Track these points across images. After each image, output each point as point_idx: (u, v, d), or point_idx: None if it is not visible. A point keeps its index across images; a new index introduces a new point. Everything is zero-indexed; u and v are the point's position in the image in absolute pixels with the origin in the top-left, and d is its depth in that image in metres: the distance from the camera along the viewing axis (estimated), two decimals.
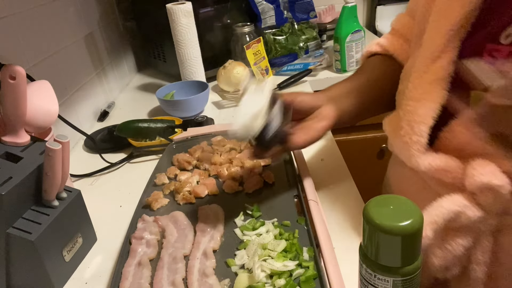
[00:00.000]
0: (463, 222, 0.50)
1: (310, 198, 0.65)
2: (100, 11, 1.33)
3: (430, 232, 0.50)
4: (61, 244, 0.61)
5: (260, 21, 1.42)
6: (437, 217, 0.50)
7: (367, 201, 0.41)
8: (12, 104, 0.56)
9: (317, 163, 0.85)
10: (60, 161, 0.57)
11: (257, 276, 0.51)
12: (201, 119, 1.05)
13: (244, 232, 0.61)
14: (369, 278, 0.41)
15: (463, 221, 0.50)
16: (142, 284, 0.54)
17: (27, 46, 0.89)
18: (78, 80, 1.11)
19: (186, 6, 1.18)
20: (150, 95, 1.35)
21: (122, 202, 0.79)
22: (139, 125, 0.96)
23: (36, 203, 0.59)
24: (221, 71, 1.26)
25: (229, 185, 0.72)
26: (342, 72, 1.36)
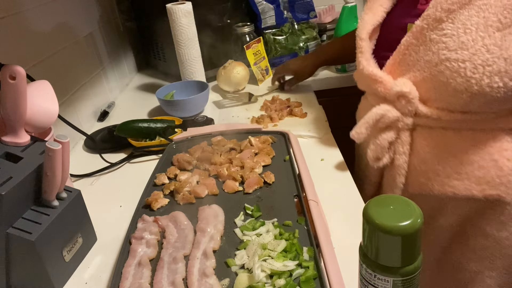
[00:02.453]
0: (386, 121, 0.73)
1: (310, 198, 0.65)
2: (100, 11, 1.33)
3: (363, 129, 0.74)
4: (61, 244, 0.61)
5: (260, 21, 1.42)
6: (368, 118, 0.73)
7: (367, 201, 0.41)
8: (12, 104, 0.56)
9: (317, 163, 0.85)
10: (60, 161, 0.57)
11: (257, 276, 0.51)
12: (201, 119, 1.05)
13: (244, 232, 0.61)
14: (369, 278, 0.41)
15: (386, 121, 0.72)
16: (142, 284, 0.54)
17: (27, 46, 0.89)
18: (78, 80, 1.11)
19: (186, 6, 1.18)
20: (150, 95, 1.35)
21: (122, 202, 0.79)
22: (139, 125, 0.96)
23: (36, 203, 0.59)
24: (221, 71, 1.26)
25: (229, 185, 0.72)
26: (342, 72, 1.36)
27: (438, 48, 0.65)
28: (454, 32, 0.64)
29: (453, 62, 0.63)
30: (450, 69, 0.64)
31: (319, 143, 0.93)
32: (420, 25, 0.68)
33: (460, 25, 0.63)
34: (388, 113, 0.72)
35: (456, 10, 0.64)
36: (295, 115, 1.06)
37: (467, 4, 0.63)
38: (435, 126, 0.72)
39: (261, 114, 1.08)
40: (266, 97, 1.18)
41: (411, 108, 0.71)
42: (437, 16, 0.65)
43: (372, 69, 0.75)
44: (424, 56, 0.68)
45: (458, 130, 0.70)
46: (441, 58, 0.65)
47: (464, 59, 0.62)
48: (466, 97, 0.64)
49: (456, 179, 0.72)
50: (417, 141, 0.74)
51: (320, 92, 1.32)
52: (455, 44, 0.63)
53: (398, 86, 0.70)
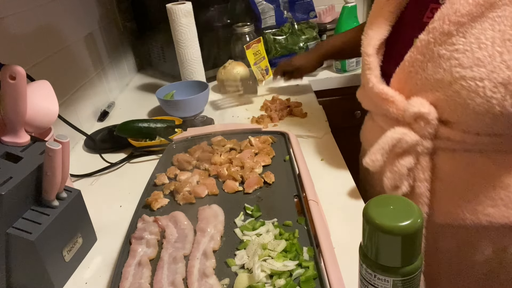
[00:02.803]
0: (403, 146, 0.64)
1: (310, 198, 0.65)
2: (100, 11, 1.33)
3: (379, 156, 0.65)
4: (61, 244, 0.61)
5: (260, 21, 1.42)
6: (383, 144, 0.65)
7: (367, 201, 0.41)
8: (12, 104, 0.56)
9: (317, 163, 0.85)
10: (60, 161, 0.57)
11: (257, 276, 0.51)
12: (201, 119, 1.05)
13: (244, 232, 0.61)
14: (369, 278, 0.41)
15: (403, 145, 0.64)
16: (142, 284, 0.54)
17: (27, 46, 0.89)
18: (78, 80, 1.11)
19: (186, 6, 1.18)
20: (150, 95, 1.35)
21: (122, 202, 0.79)
22: (139, 125, 0.96)
23: (36, 203, 0.59)
24: (221, 71, 1.26)
25: (229, 185, 0.72)
26: (342, 72, 1.36)
27: (450, 65, 0.58)
28: (468, 48, 0.57)
29: (470, 81, 0.56)
30: (466, 89, 0.57)
31: (319, 143, 0.93)
32: (425, 39, 0.60)
33: (474, 39, 0.56)
34: (405, 136, 0.64)
35: (466, 23, 0.57)
36: (295, 115, 1.06)
37: (479, 16, 0.56)
38: (458, 148, 0.64)
39: (261, 114, 1.08)
40: (266, 97, 1.18)
41: (430, 130, 0.63)
42: (444, 30, 0.58)
43: (382, 87, 0.67)
44: (434, 74, 0.60)
45: (485, 152, 0.63)
46: (455, 76, 0.57)
47: (482, 77, 0.55)
48: (488, 119, 0.57)
49: (491, 206, 0.64)
50: (440, 166, 0.66)
51: (320, 92, 1.32)
52: (469, 60, 0.56)
53: (415, 106, 0.62)
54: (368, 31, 0.72)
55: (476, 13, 0.56)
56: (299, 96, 1.17)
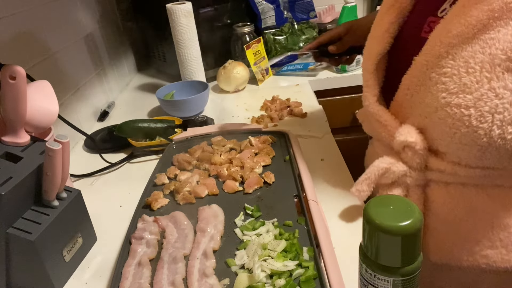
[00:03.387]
0: (391, 177, 0.61)
1: (310, 198, 0.65)
2: (100, 11, 1.33)
3: (365, 186, 0.62)
4: (61, 244, 0.61)
5: (260, 21, 1.42)
6: (370, 174, 0.61)
7: (367, 201, 0.41)
8: (12, 104, 0.56)
9: (317, 163, 0.85)
10: (60, 161, 0.57)
11: (257, 276, 0.51)
12: (201, 119, 1.05)
13: (244, 232, 0.61)
14: (369, 278, 0.41)
15: (391, 176, 0.60)
16: (142, 284, 0.54)
17: (27, 46, 0.89)
18: (78, 80, 1.11)
19: (186, 6, 1.18)
20: (150, 95, 1.35)
21: (122, 202, 0.79)
22: (139, 125, 0.96)
23: (36, 203, 0.59)
24: (221, 71, 1.26)
25: (229, 185, 0.72)
26: (342, 72, 1.36)
27: (437, 90, 0.53)
28: (455, 71, 0.51)
29: (455, 108, 0.51)
30: (452, 117, 0.52)
31: (319, 143, 0.93)
32: (420, 62, 0.56)
33: (462, 63, 0.51)
34: (392, 166, 0.60)
35: (457, 45, 0.51)
36: (295, 115, 1.06)
37: (470, 38, 0.51)
38: (452, 181, 0.59)
39: (261, 114, 1.08)
40: (266, 97, 1.18)
41: (419, 160, 0.59)
42: (436, 51, 0.53)
43: (378, 109, 0.63)
44: (424, 98, 0.56)
45: (481, 187, 0.58)
46: (441, 102, 0.53)
47: (467, 105, 0.50)
48: (476, 151, 0.53)
49: (489, 247, 0.58)
50: (433, 199, 0.61)
51: (320, 92, 1.32)
52: (456, 86, 0.51)
53: (402, 135, 0.58)
54: (369, 43, 0.67)
55: (467, 34, 0.51)
56: (299, 96, 1.17)
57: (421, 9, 0.62)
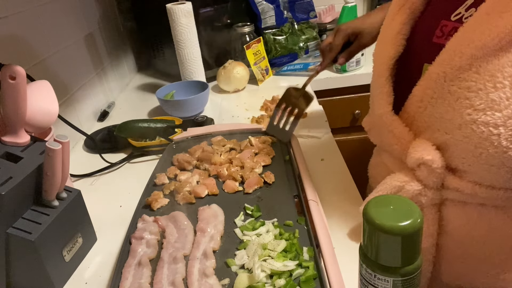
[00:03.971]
0: (405, 196, 0.55)
1: (310, 198, 0.65)
2: (100, 11, 1.33)
3: None
4: (61, 244, 0.61)
5: (260, 21, 1.42)
6: (382, 191, 0.57)
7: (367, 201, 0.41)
8: (12, 104, 0.56)
9: (317, 163, 0.85)
10: (60, 161, 0.57)
11: (257, 276, 0.51)
12: (201, 119, 1.05)
13: (244, 232, 0.61)
14: (369, 278, 0.41)
15: (404, 195, 0.56)
16: (142, 284, 0.54)
17: (27, 46, 0.89)
18: (78, 80, 1.11)
19: (186, 6, 1.18)
20: (150, 95, 1.35)
21: (122, 202, 0.79)
22: (139, 125, 0.96)
23: (36, 203, 0.59)
24: (221, 71, 1.26)
25: (229, 185, 0.72)
26: (342, 72, 1.36)
27: (460, 106, 0.49)
28: (481, 86, 0.47)
29: (482, 126, 0.47)
30: (478, 135, 0.48)
31: (319, 143, 0.93)
32: (435, 72, 0.51)
33: (488, 77, 0.46)
34: (406, 185, 0.56)
35: (482, 57, 0.47)
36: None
37: (497, 50, 0.46)
38: (470, 201, 0.55)
39: (261, 114, 1.08)
40: (266, 97, 1.18)
41: (435, 179, 0.54)
42: (456, 63, 0.49)
43: (393, 119, 0.58)
44: (444, 114, 0.51)
45: (501, 208, 0.54)
46: (466, 119, 0.48)
47: (496, 123, 0.46)
48: (504, 172, 0.48)
49: (508, 271, 0.55)
50: (448, 220, 0.57)
51: (320, 92, 1.33)
52: (482, 102, 0.47)
53: (417, 151, 0.53)
54: (380, 47, 0.63)
55: (494, 46, 0.46)
56: None
57: (433, 11, 0.58)
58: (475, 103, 0.47)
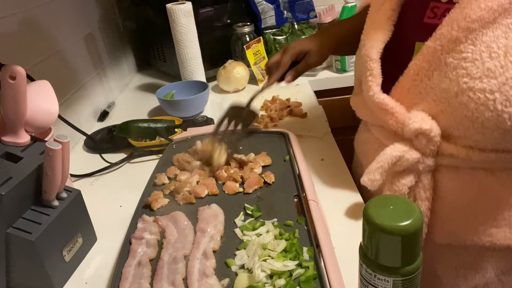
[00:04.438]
0: (404, 164, 0.60)
1: (310, 198, 0.65)
2: (100, 11, 1.33)
3: (378, 175, 0.61)
4: (61, 244, 0.61)
5: (260, 21, 1.42)
6: (382, 162, 0.61)
7: (367, 201, 0.41)
8: (12, 104, 0.56)
9: (317, 163, 0.85)
10: (60, 161, 0.57)
11: (257, 276, 0.51)
12: (201, 119, 1.05)
13: (244, 232, 0.61)
14: (369, 278, 0.41)
15: (404, 163, 0.60)
16: (142, 284, 0.54)
17: (27, 46, 0.89)
18: (78, 80, 1.11)
19: (186, 6, 1.18)
20: (150, 95, 1.35)
21: (122, 202, 0.79)
22: (139, 125, 0.96)
23: (36, 203, 0.59)
24: (221, 71, 1.26)
25: (230, 186, 0.72)
26: (342, 72, 1.36)
27: (457, 75, 0.54)
28: (477, 56, 0.52)
29: (478, 93, 0.52)
30: (475, 101, 0.53)
31: (319, 143, 0.93)
32: (432, 46, 0.56)
33: (484, 47, 0.52)
34: (406, 154, 0.60)
35: (477, 30, 0.52)
36: (295, 115, 1.06)
37: (491, 22, 0.52)
38: (462, 166, 0.60)
39: (261, 114, 1.08)
40: (266, 97, 1.18)
41: (432, 147, 0.59)
42: (453, 36, 0.54)
43: (383, 97, 0.62)
44: (439, 84, 0.56)
45: (490, 170, 0.59)
46: (462, 87, 0.53)
47: (492, 90, 0.51)
48: (497, 134, 0.54)
49: (494, 226, 0.61)
50: (442, 184, 0.62)
51: (320, 92, 1.32)
52: (479, 70, 0.52)
53: (416, 122, 0.58)
54: (370, 32, 0.66)
55: (488, 19, 0.52)
56: (299, 96, 1.17)
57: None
58: (472, 72, 0.52)
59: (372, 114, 0.68)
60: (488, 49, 0.52)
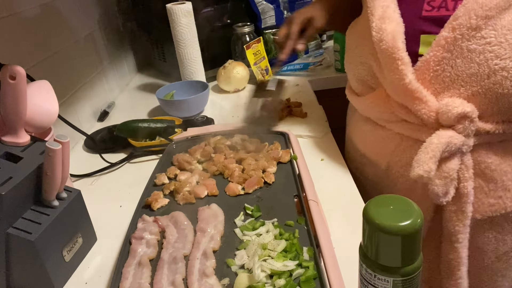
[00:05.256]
0: (451, 149, 0.63)
1: (310, 198, 0.65)
2: (100, 11, 1.33)
3: (432, 164, 0.62)
4: (61, 244, 0.61)
5: (260, 21, 1.42)
6: (434, 151, 0.62)
7: (367, 201, 0.41)
8: (12, 104, 0.56)
9: (317, 163, 0.85)
10: (60, 161, 0.57)
11: (257, 276, 0.51)
12: (201, 119, 1.05)
13: (244, 232, 0.61)
14: (369, 278, 0.41)
15: (452, 148, 0.63)
16: (142, 284, 0.54)
17: (27, 46, 0.89)
18: (78, 80, 1.11)
19: (186, 6, 1.18)
20: (150, 95, 1.35)
21: (122, 202, 0.79)
22: (139, 125, 0.96)
23: (36, 203, 0.59)
24: (221, 71, 1.26)
25: (232, 188, 0.72)
26: (342, 72, 1.36)
27: (485, 59, 0.59)
28: (502, 39, 0.58)
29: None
30: (510, 79, 0.59)
31: (319, 143, 0.93)
32: (451, 37, 0.61)
33: (506, 30, 0.58)
34: (453, 139, 0.63)
35: (495, 16, 0.59)
36: (295, 115, 1.06)
37: (507, 8, 0.59)
38: (494, 141, 0.66)
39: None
40: None
41: (473, 128, 0.63)
42: (472, 25, 0.59)
43: (418, 86, 0.64)
44: (466, 70, 0.61)
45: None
46: (494, 68, 0.59)
47: None
48: None
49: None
50: (479, 161, 0.67)
51: (320, 92, 1.32)
52: (507, 51, 0.58)
53: (458, 107, 0.61)
54: (385, 26, 0.66)
55: (504, 6, 0.58)
56: (299, 96, 1.17)
57: None
58: (501, 54, 0.59)
59: (391, 110, 0.70)
60: (510, 32, 0.58)
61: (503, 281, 0.76)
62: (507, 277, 0.76)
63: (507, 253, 0.74)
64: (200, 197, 0.71)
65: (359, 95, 0.80)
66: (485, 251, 0.73)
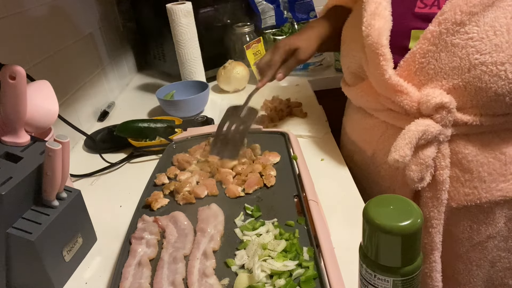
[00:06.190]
0: (428, 137, 0.67)
1: (310, 198, 0.65)
2: (100, 11, 1.33)
3: (407, 150, 0.66)
4: (61, 244, 0.61)
5: (260, 21, 1.42)
6: (410, 138, 0.66)
7: (367, 201, 0.41)
8: (12, 104, 0.56)
9: (317, 163, 0.85)
10: (60, 161, 0.57)
11: (257, 276, 0.51)
12: (201, 119, 1.05)
13: (244, 232, 0.61)
14: (369, 278, 0.41)
15: (428, 136, 0.66)
16: (142, 284, 0.54)
17: (27, 46, 0.89)
18: (78, 80, 1.11)
19: (186, 6, 1.18)
20: (150, 95, 1.35)
21: (122, 202, 0.79)
22: (139, 125, 0.96)
23: (36, 203, 0.59)
24: (221, 71, 1.26)
25: (232, 190, 0.71)
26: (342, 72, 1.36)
27: (467, 53, 0.62)
28: (483, 35, 0.61)
29: (491, 66, 0.61)
30: (488, 73, 0.62)
31: (319, 143, 0.93)
32: (437, 31, 0.64)
33: (488, 27, 0.61)
34: (429, 128, 0.66)
35: (479, 13, 0.61)
36: (295, 115, 1.06)
37: (490, 6, 0.61)
38: (472, 132, 0.69)
39: (261, 114, 1.08)
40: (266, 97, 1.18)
41: (451, 118, 0.66)
42: (457, 20, 0.62)
43: (398, 80, 0.68)
44: (449, 63, 0.64)
45: (495, 132, 0.69)
46: (474, 63, 0.62)
47: (502, 62, 0.61)
48: (508, 99, 0.63)
49: (503, 182, 0.70)
50: (457, 151, 0.70)
51: (320, 92, 1.32)
52: (487, 47, 0.61)
53: (436, 97, 0.65)
54: (374, 22, 0.69)
55: (487, 3, 0.61)
56: (299, 96, 1.17)
57: None
58: (481, 49, 0.61)
59: (377, 99, 0.74)
60: (492, 28, 0.61)
61: (477, 271, 0.78)
62: (481, 268, 0.77)
63: (481, 243, 0.75)
64: (200, 197, 0.71)
65: (351, 86, 0.84)
66: (460, 239, 0.76)
